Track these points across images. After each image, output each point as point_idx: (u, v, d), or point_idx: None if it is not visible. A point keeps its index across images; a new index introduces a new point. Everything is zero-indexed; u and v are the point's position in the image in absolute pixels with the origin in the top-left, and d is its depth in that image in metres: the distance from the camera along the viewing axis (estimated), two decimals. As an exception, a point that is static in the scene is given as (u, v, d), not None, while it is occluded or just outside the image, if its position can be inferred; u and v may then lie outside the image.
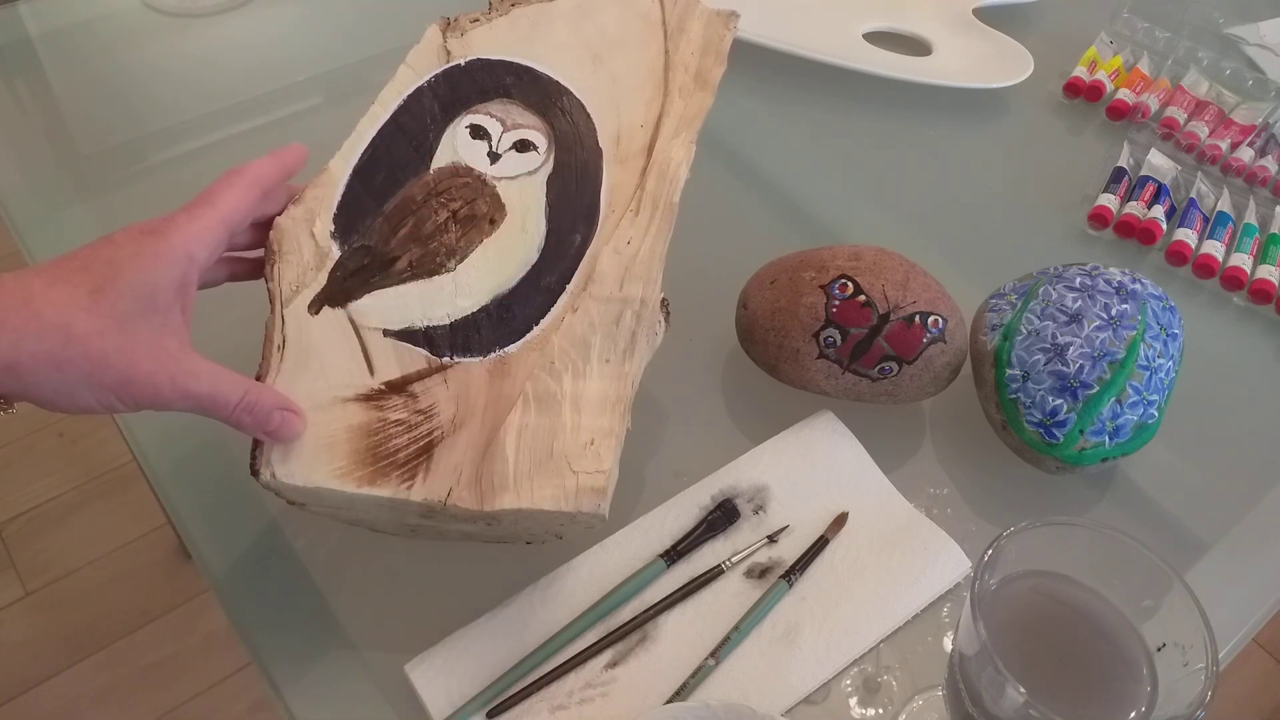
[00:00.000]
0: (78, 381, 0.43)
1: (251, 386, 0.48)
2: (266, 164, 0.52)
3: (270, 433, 0.48)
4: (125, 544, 1.45)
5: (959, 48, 0.90)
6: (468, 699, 0.50)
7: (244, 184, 0.50)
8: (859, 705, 0.51)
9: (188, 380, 0.46)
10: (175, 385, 0.45)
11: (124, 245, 0.46)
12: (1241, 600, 0.57)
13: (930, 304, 0.58)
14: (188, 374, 0.46)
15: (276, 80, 0.86)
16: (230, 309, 0.56)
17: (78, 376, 0.43)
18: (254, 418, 0.48)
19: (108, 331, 0.44)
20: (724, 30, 0.62)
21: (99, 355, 0.43)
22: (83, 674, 1.33)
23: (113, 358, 0.44)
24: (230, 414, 0.47)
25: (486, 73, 0.61)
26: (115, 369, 0.44)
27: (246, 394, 0.47)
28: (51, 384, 0.43)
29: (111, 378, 0.44)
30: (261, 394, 0.48)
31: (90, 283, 0.44)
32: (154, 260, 0.46)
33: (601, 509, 0.48)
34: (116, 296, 0.44)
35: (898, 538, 0.56)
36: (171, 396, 0.46)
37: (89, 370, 0.43)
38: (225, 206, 0.49)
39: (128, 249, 0.46)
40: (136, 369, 0.44)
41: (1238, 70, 0.89)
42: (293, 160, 0.54)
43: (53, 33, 0.91)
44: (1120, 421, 0.56)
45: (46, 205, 0.76)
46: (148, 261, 0.45)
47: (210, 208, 0.49)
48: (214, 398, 0.47)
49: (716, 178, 0.78)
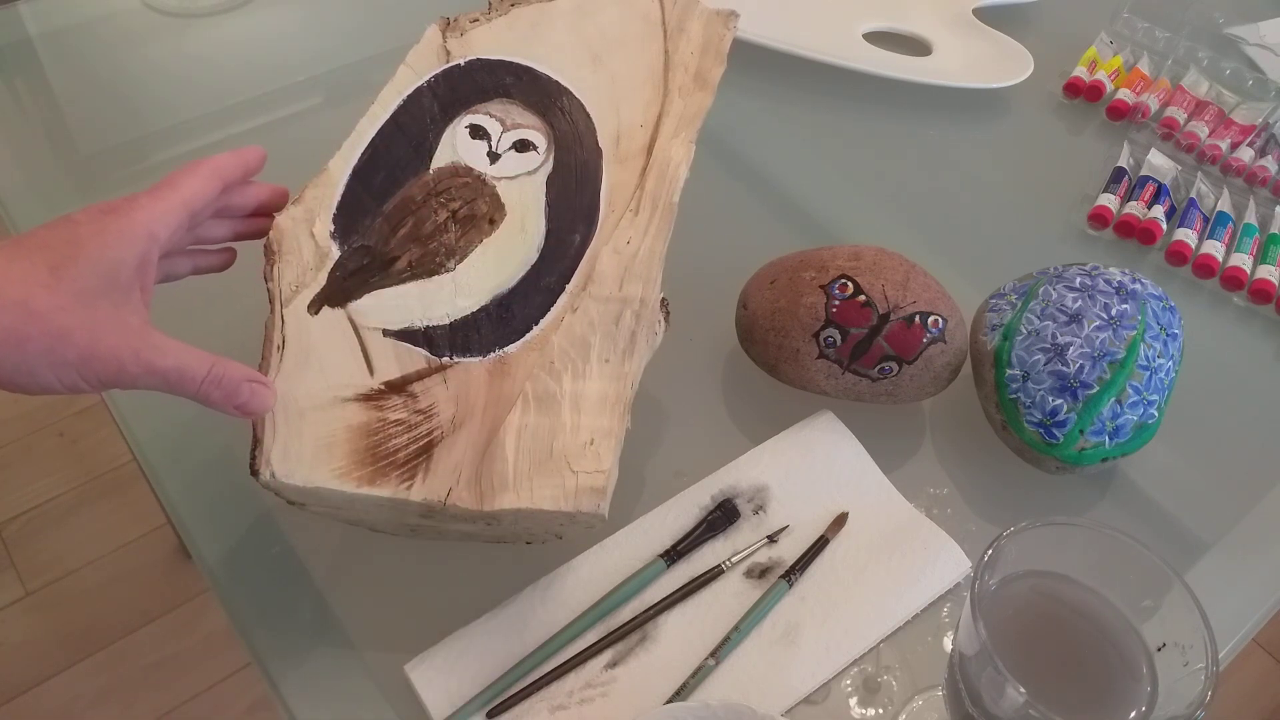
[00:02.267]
0: (38, 358, 0.43)
1: (218, 360, 0.47)
2: (228, 158, 0.52)
3: (240, 406, 0.48)
4: (125, 544, 1.45)
5: (959, 48, 0.90)
6: (468, 699, 0.50)
7: (205, 173, 0.50)
8: (859, 705, 0.51)
9: (152, 355, 0.45)
10: (139, 360, 0.45)
11: (85, 223, 0.45)
12: (1241, 600, 0.57)
13: (930, 304, 0.58)
14: (152, 349, 0.45)
15: (276, 80, 0.86)
16: (230, 309, 0.56)
17: (38, 353, 0.43)
18: (222, 390, 0.47)
19: (68, 308, 0.43)
20: (724, 30, 0.62)
21: (60, 331, 0.43)
22: (83, 674, 1.33)
23: (74, 334, 0.43)
24: (198, 388, 0.47)
25: (486, 73, 0.61)
26: (77, 345, 0.43)
27: (213, 367, 0.47)
28: (11, 362, 0.42)
29: (74, 354, 0.43)
30: (228, 367, 0.47)
31: (50, 260, 0.43)
32: (116, 238, 0.45)
33: (601, 509, 0.48)
34: (77, 273, 0.44)
35: (898, 538, 0.56)
36: (136, 372, 0.45)
37: (49, 346, 0.43)
38: (187, 191, 0.49)
39: (89, 227, 0.45)
40: (99, 344, 0.44)
41: (1238, 70, 0.89)
42: (253, 159, 0.54)
43: (53, 33, 0.91)
44: (1120, 421, 0.56)
45: (46, 205, 0.76)
46: (110, 239, 0.45)
47: (173, 190, 0.49)
48: (180, 371, 0.46)
49: (716, 178, 0.78)
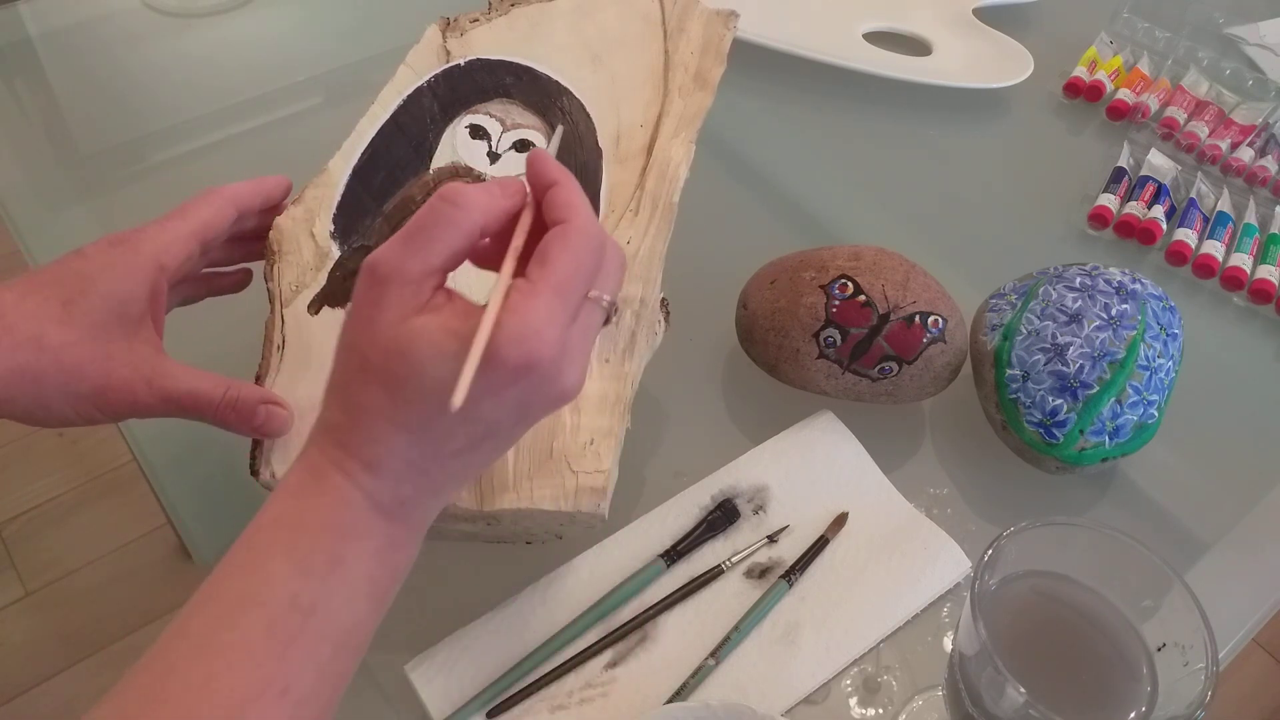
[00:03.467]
0: (54, 393, 0.44)
1: (233, 384, 0.47)
2: (247, 186, 0.53)
3: (257, 428, 0.48)
4: (125, 544, 1.45)
5: (959, 48, 0.90)
6: (468, 699, 0.50)
7: (219, 202, 0.51)
8: (859, 705, 0.51)
9: (165, 383, 0.46)
10: (152, 389, 0.45)
11: (94, 257, 0.46)
12: (1241, 600, 0.57)
13: (930, 304, 0.58)
14: (165, 377, 0.46)
15: (276, 80, 0.86)
16: (230, 309, 0.56)
17: (54, 388, 0.44)
18: (238, 414, 0.47)
19: (81, 341, 0.44)
20: (723, 30, 0.62)
21: (73, 365, 0.44)
22: (82, 674, 1.33)
23: (87, 367, 0.44)
24: (215, 413, 0.47)
25: (486, 73, 0.61)
26: (90, 378, 0.44)
27: (228, 391, 0.47)
28: (28, 397, 0.43)
29: (87, 387, 0.44)
30: (244, 389, 0.48)
31: (61, 295, 0.44)
32: (124, 270, 0.46)
33: (601, 509, 0.48)
34: (88, 307, 0.44)
35: (898, 538, 0.56)
36: (150, 401, 0.46)
37: (64, 381, 0.44)
38: (197, 220, 0.49)
39: (98, 260, 0.46)
40: (112, 376, 0.45)
41: (1238, 70, 0.89)
42: (274, 189, 0.54)
43: (53, 33, 0.91)
44: (1120, 421, 0.56)
45: (46, 205, 0.76)
46: (118, 272, 0.46)
47: (182, 220, 0.49)
48: (195, 397, 0.46)
49: (716, 178, 0.78)
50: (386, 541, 0.38)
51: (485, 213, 0.38)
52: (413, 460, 0.37)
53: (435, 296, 0.38)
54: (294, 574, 0.36)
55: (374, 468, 0.37)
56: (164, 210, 0.50)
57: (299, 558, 0.36)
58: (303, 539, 0.36)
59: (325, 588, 0.36)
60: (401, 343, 0.36)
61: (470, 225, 0.38)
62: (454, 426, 0.37)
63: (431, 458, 0.38)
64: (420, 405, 0.36)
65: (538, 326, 0.36)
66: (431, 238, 0.37)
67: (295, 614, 0.35)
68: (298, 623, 0.35)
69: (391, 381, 0.36)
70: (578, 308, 0.38)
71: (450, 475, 0.39)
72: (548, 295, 0.36)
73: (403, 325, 0.36)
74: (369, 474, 0.37)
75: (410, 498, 0.38)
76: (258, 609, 0.35)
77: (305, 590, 0.35)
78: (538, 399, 0.38)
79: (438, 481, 0.39)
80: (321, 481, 0.37)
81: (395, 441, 0.37)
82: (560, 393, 0.38)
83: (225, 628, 0.34)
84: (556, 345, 0.36)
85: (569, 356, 0.37)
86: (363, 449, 0.37)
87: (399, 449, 0.37)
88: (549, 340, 0.36)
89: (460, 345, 0.35)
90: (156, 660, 0.34)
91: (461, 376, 0.34)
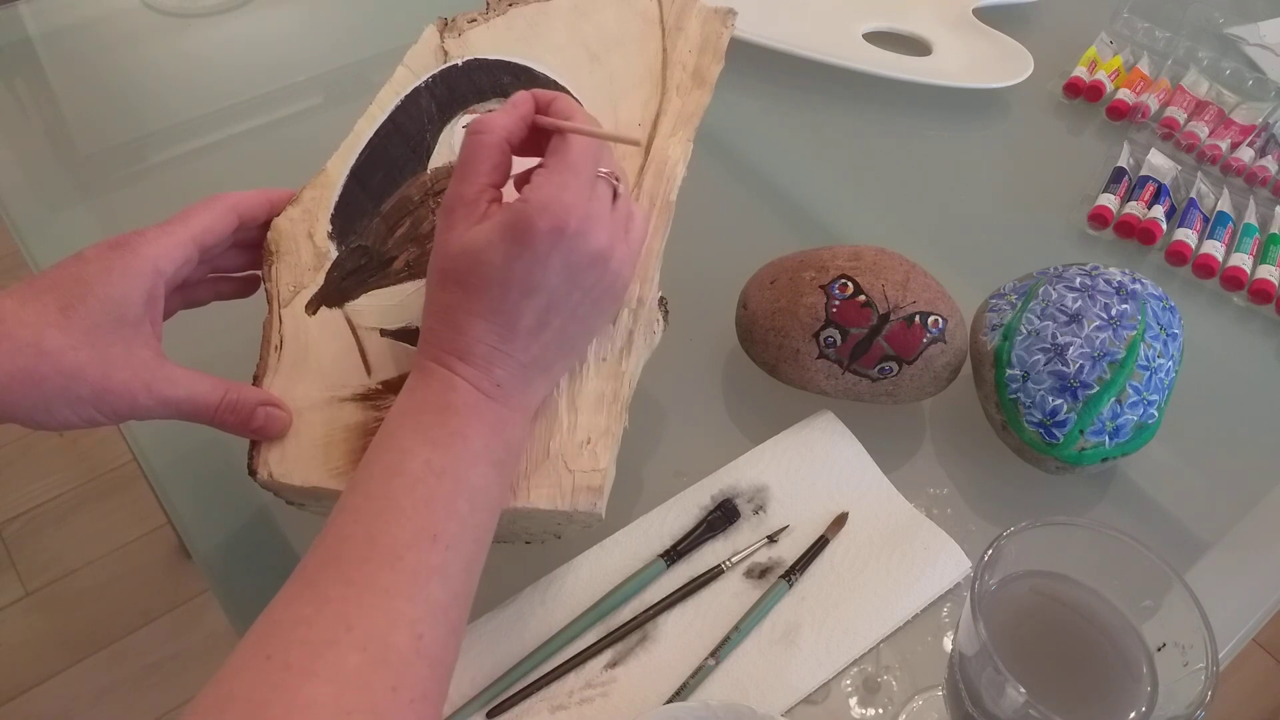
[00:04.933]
0: (54, 396, 0.44)
1: (231, 386, 0.48)
2: (252, 196, 0.54)
3: (256, 430, 0.49)
4: (125, 544, 1.45)
5: (959, 48, 0.90)
6: (468, 699, 0.50)
7: (221, 208, 0.51)
8: (859, 705, 0.51)
9: (164, 386, 0.47)
10: (151, 392, 0.46)
11: (92, 261, 0.47)
12: (1241, 600, 0.57)
13: (930, 304, 0.58)
14: (164, 380, 0.47)
15: (276, 80, 0.86)
16: (228, 310, 0.56)
17: (54, 391, 0.44)
18: (237, 416, 0.48)
19: (80, 346, 0.45)
20: (722, 28, 0.62)
21: (73, 369, 0.44)
22: (82, 674, 1.33)
23: (86, 370, 0.45)
24: (213, 415, 0.48)
25: (484, 73, 0.61)
26: (89, 382, 0.45)
27: (227, 393, 0.48)
28: (30, 401, 0.44)
29: (87, 390, 0.45)
30: (242, 392, 0.49)
31: (60, 300, 0.45)
32: (122, 275, 0.46)
33: (598, 508, 0.48)
34: (86, 311, 0.45)
35: (898, 538, 0.56)
36: (149, 404, 0.46)
37: (64, 385, 0.44)
38: (197, 226, 0.50)
39: (95, 265, 0.46)
40: (111, 380, 0.45)
41: (1238, 70, 0.89)
42: (281, 201, 0.55)
43: (53, 33, 0.91)
44: (1120, 421, 0.55)
45: (46, 205, 0.76)
46: (116, 276, 0.46)
47: (182, 225, 0.50)
48: (193, 400, 0.47)
49: (716, 178, 0.78)
50: (495, 418, 0.44)
51: (505, 125, 0.46)
52: (495, 345, 0.44)
53: (490, 209, 0.45)
54: (422, 445, 0.43)
55: (466, 356, 0.44)
56: (164, 210, 0.50)
57: (424, 433, 0.43)
58: (424, 418, 0.44)
59: (450, 454, 0.43)
60: (466, 244, 0.44)
61: (497, 140, 0.46)
62: (519, 302, 0.44)
63: (510, 339, 0.45)
64: (487, 292, 0.44)
65: (559, 194, 0.43)
66: (472, 162, 0.45)
67: (430, 476, 0.42)
68: (433, 483, 0.42)
69: (463, 278, 0.44)
70: (591, 183, 0.45)
71: (534, 358, 0.46)
72: (564, 172, 0.44)
73: (467, 233, 0.44)
74: (464, 363, 0.44)
75: (504, 380, 0.45)
76: (399, 477, 0.42)
77: (435, 457, 0.42)
78: (578, 259, 0.45)
79: (523, 362, 0.45)
80: (429, 378, 0.45)
81: (477, 329, 0.44)
82: (595, 251, 0.45)
83: (379, 494, 0.42)
84: (579, 209, 0.44)
85: (593, 220, 0.45)
86: (454, 343, 0.44)
87: (481, 335, 0.44)
88: (570, 204, 0.43)
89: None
90: (332, 528, 0.41)
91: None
